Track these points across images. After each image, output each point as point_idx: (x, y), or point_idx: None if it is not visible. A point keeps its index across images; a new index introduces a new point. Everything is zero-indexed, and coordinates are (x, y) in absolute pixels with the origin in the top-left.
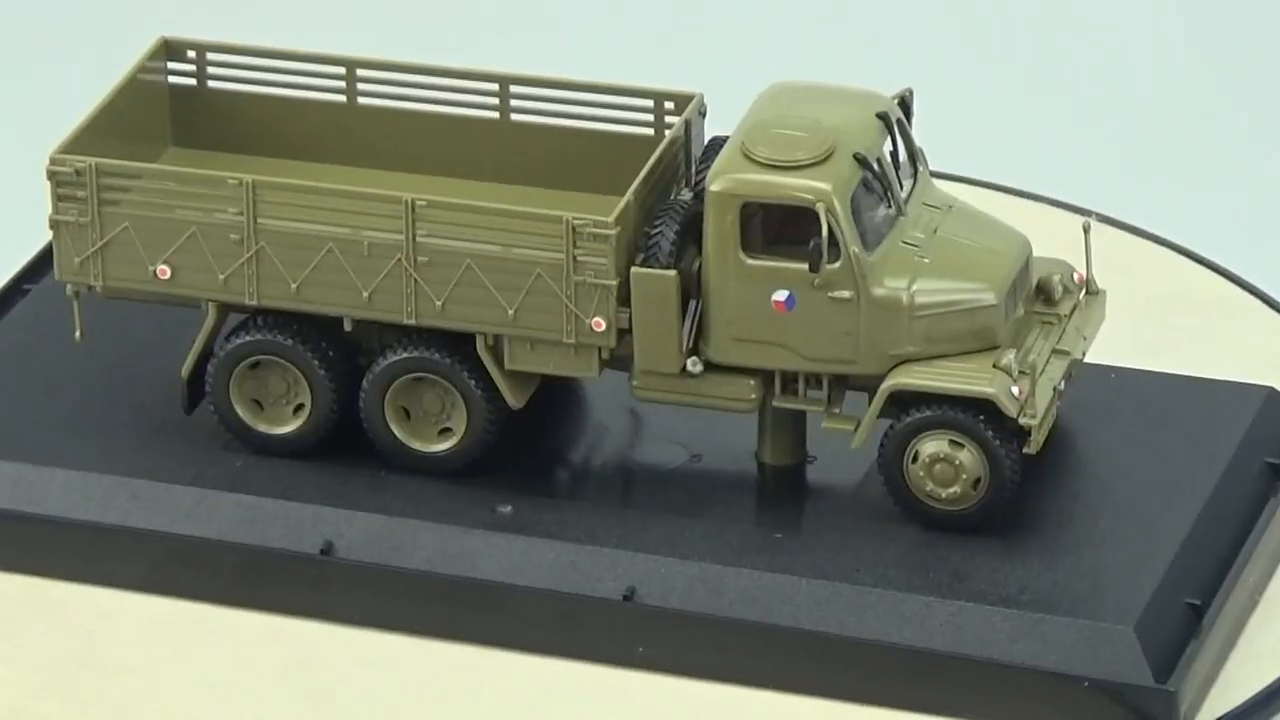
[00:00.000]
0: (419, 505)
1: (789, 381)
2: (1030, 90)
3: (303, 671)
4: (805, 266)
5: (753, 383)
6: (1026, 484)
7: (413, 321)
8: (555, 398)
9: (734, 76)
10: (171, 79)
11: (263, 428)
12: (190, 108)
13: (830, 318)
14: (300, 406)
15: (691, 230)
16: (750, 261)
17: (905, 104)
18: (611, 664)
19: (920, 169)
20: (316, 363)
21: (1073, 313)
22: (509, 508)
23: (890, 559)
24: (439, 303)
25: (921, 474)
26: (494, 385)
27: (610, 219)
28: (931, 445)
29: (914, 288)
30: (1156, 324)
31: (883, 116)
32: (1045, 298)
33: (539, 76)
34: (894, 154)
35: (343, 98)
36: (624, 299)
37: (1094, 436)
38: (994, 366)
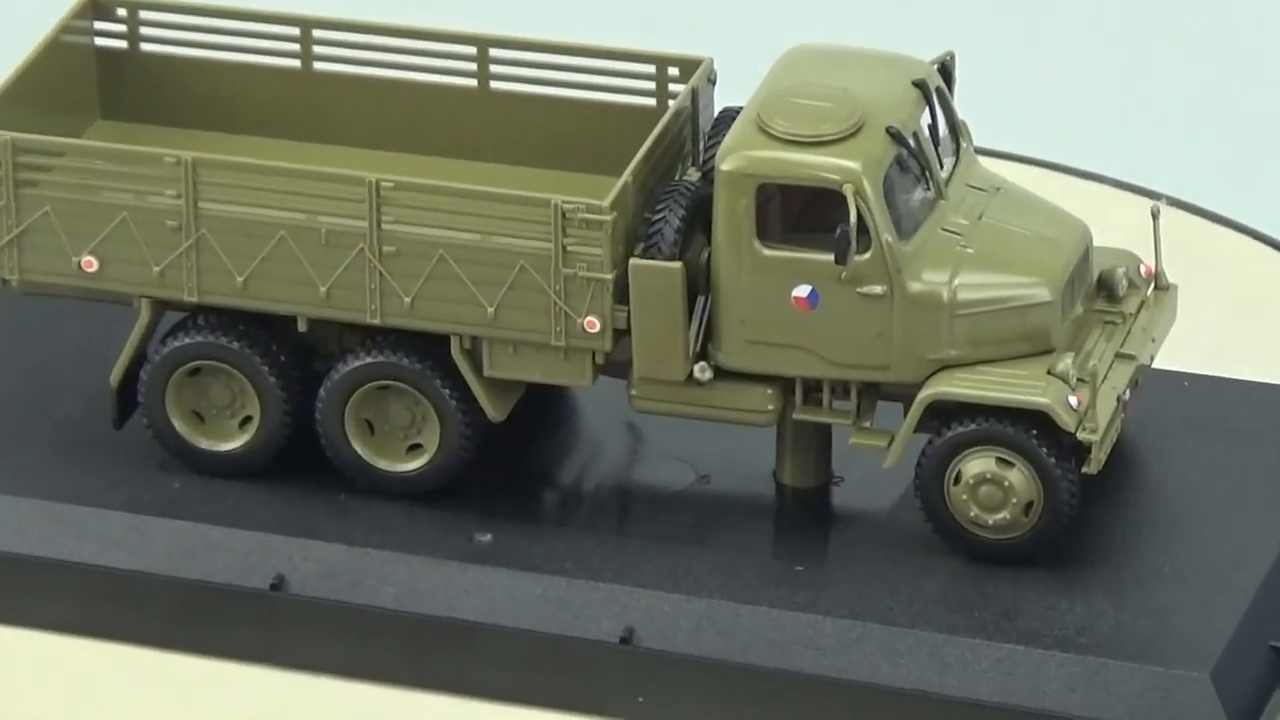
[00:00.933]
0: (385, 533)
1: (812, 390)
2: (1089, 55)
3: None
4: (830, 257)
5: (770, 392)
6: (1086, 509)
7: (377, 321)
8: (542, 409)
9: (749, 38)
10: (99, 40)
11: (204, 444)
12: (121, 74)
13: (859, 316)
14: (247, 419)
15: (700, 216)
16: (767, 252)
17: (946, 70)
18: (607, 715)
19: (963, 145)
20: (266, 369)
21: (1139, 311)
22: (489, 536)
23: (929, 595)
24: (408, 299)
25: (965, 497)
26: (471, 395)
27: (605, 203)
28: (977, 464)
29: (956, 282)
30: (1235, 324)
31: (920, 85)
32: (1108, 294)
33: (523, 38)
34: (933, 128)
35: (297, 63)
36: (621, 295)
37: (1164, 454)
38: (1048, 373)
